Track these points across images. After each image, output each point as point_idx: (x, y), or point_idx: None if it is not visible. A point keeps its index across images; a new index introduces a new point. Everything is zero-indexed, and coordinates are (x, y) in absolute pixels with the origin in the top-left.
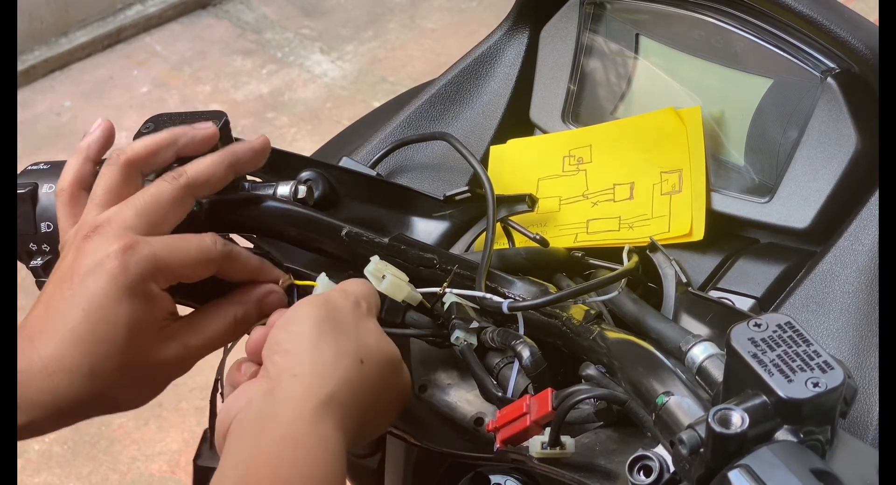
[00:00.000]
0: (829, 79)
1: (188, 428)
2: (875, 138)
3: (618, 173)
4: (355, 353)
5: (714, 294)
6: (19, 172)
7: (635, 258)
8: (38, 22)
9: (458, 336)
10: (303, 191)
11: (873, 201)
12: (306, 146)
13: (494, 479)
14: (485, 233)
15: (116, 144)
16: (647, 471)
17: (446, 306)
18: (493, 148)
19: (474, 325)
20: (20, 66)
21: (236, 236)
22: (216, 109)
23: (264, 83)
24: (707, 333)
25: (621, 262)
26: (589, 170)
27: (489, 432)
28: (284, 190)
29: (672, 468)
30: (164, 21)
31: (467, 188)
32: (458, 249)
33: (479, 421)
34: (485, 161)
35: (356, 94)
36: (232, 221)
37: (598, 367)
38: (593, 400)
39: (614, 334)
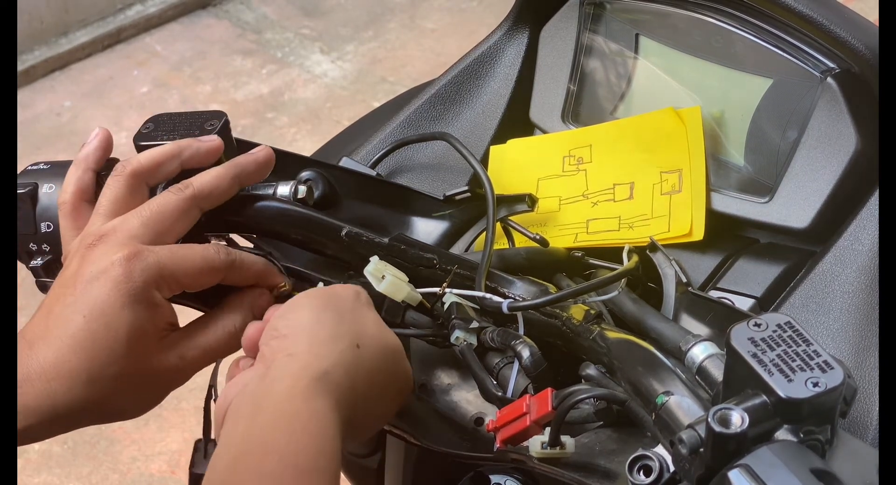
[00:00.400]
0: (829, 79)
1: (188, 428)
2: (875, 138)
3: (618, 173)
4: (352, 337)
5: (714, 294)
6: (19, 172)
7: (635, 258)
8: (38, 22)
9: (458, 336)
10: (303, 191)
11: (873, 201)
12: (306, 146)
13: (494, 479)
14: (485, 233)
15: (117, 145)
16: (647, 471)
17: (446, 306)
18: (492, 148)
19: (474, 325)
20: (20, 66)
21: (236, 236)
22: (216, 109)
23: (264, 83)
24: (707, 333)
25: (621, 262)
26: (589, 170)
27: (489, 431)
28: (284, 190)
29: (672, 468)
30: (164, 21)
31: (467, 188)
32: (458, 249)
33: (479, 421)
34: (485, 161)
35: (356, 95)
36: (232, 221)
37: (598, 367)
38: (593, 400)
39: (614, 334)
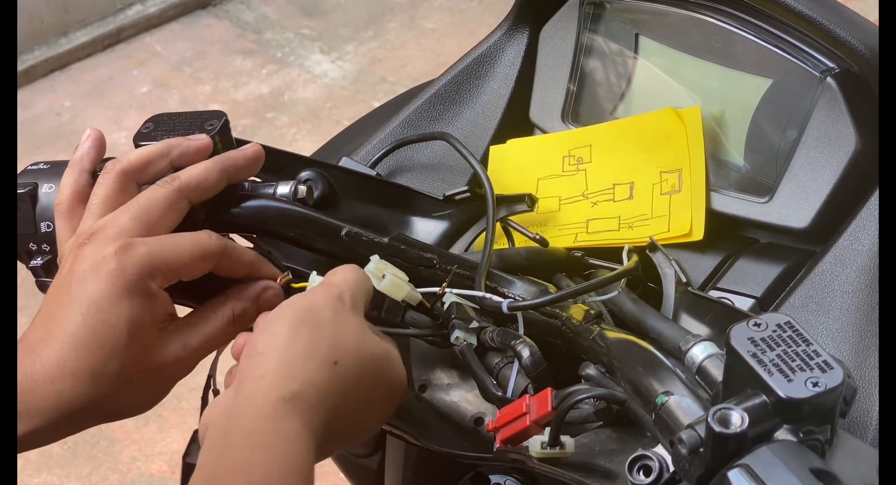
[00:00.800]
0: (829, 79)
1: (188, 428)
2: (874, 138)
3: (617, 173)
4: (328, 353)
5: (714, 294)
6: (19, 172)
7: (635, 258)
8: (38, 22)
9: (458, 336)
10: (302, 191)
11: (873, 201)
12: (306, 146)
13: (494, 479)
14: (484, 233)
15: (117, 144)
16: (647, 471)
17: (446, 306)
18: (492, 148)
19: (474, 325)
20: (20, 66)
21: (237, 236)
22: (216, 109)
23: (264, 83)
24: (707, 333)
25: (621, 262)
26: (589, 170)
27: (489, 431)
28: (284, 190)
29: (672, 468)
30: (164, 21)
31: (467, 188)
32: (457, 248)
33: (478, 421)
34: (485, 161)
35: (356, 94)
36: (232, 220)
37: (598, 367)
38: (593, 400)
39: (614, 334)
